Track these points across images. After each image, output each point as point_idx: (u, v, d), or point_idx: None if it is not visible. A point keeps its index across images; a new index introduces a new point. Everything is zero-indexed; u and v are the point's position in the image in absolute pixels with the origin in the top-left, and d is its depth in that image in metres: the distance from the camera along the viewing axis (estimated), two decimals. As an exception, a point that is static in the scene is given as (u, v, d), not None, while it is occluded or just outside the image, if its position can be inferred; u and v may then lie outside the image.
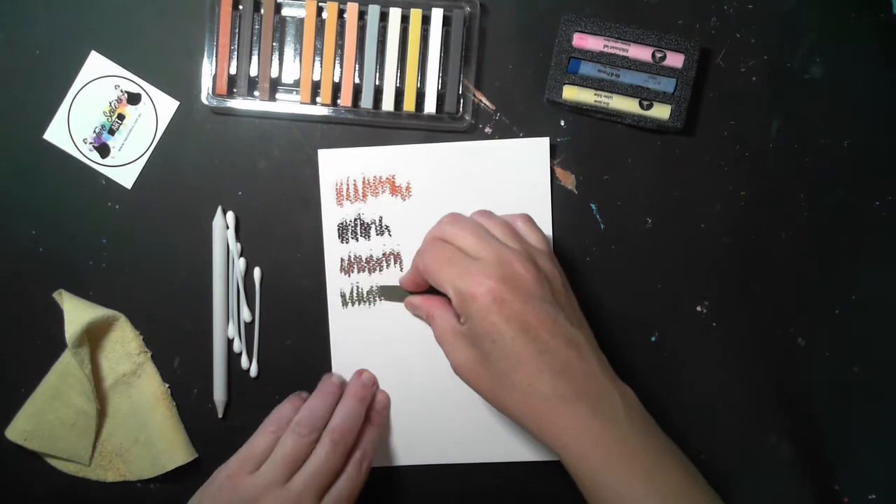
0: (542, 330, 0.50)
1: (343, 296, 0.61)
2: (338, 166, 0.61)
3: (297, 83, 0.60)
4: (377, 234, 0.61)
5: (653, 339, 0.62)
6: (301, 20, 0.60)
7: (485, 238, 0.52)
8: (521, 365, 0.50)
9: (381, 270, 0.61)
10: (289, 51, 0.60)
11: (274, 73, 0.60)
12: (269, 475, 0.54)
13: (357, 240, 0.61)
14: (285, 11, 0.60)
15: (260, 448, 0.56)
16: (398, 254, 0.61)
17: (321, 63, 0.60)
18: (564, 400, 0.50)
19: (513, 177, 0.61)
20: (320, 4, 0.60)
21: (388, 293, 0.61)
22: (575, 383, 0.50)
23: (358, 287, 0.61)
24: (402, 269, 0.61)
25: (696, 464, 0.61)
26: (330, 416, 0.58)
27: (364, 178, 0.61)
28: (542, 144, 0.60)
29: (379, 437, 0.60)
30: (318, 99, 0.60)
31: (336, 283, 0.61)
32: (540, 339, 0.50)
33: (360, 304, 0.61)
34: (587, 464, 0.50)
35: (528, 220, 0.56)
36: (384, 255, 0.61)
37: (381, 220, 0.61)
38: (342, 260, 0.61)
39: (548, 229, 0.61)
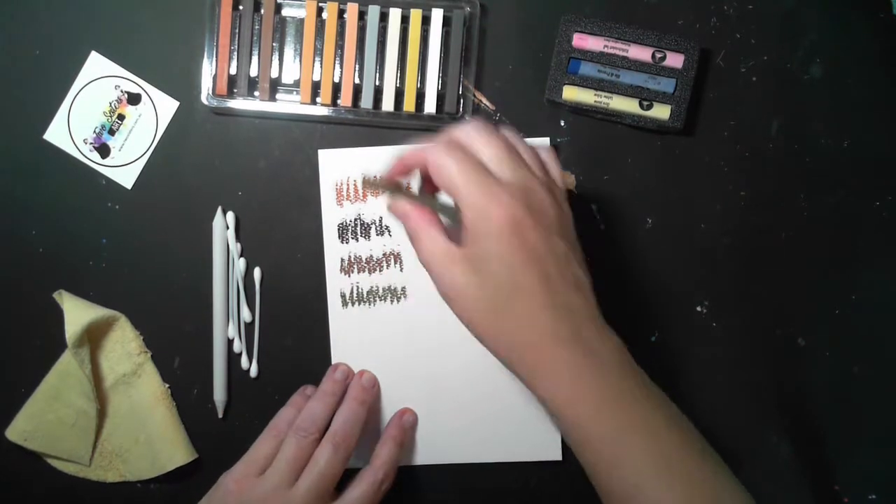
0: (554, 265, 0.48)
1: (343, 296, 0.61)
2: (338, 166, 0.61)
3: (297, 83, 0.60)
4: (377, 235, 0.61)
5: (653, 339, 0.62)
6: (301, 20, 0.60)
7: (515, 159, 0.49)
8: (525, 295, 0.47)
9: (381, 271, 0.61)
10: (289, 51, 0.60)
11: (274, 74, 0.60)
12: (275, 479, 0.54)
13: (357, 240, 0.61)
14: (285, 12, 0.60)
15: (264, 452, 0.56)
16: (398, 254, 0.61)
17: (321, 63, 0.60)
18: (560, 339, 0.47)
19: (513, 177, 0.60)
20: (320, 5, 0.60)
21: (371, 184, 0.54)
22: (575, 325, 0.48)
23: (358, 287, 0.61)
24: (402, 270, 0.61)
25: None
26: (331, 416, 0.58)
27: (364, 179, 0.61)
28: (542, 144, 0.60)
29: (400, 455, 0.59)
30: (318, 99, 0.60)
31: (336, 283, 0.61)
32: (550, 274, 0.47)
33: (360, 304, 0.61)
34: (576, 411, 0.47)
35: (554, 154, 0.53)
36: (384, 255, 0.61)
37: (381, 221, 0.61)
38: (342, 260, 0.61)
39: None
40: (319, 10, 0.60)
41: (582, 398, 0.47)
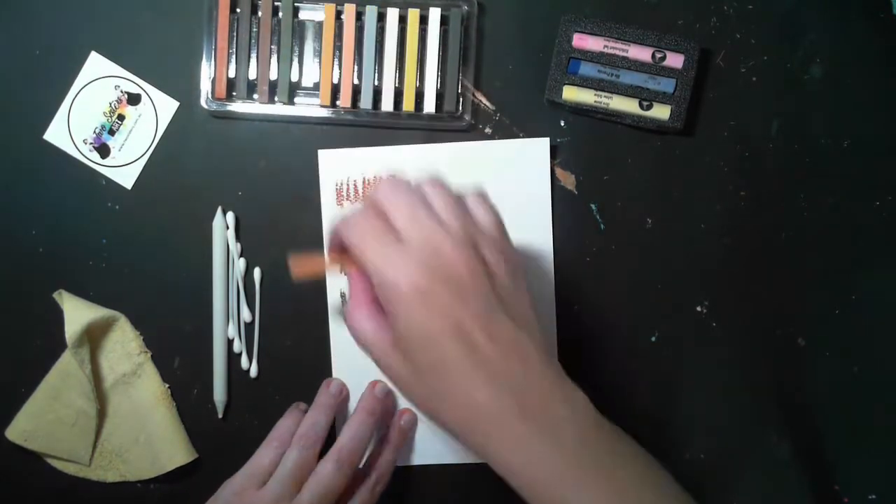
0: (477, 331, 0.43)
1: (343, 296, 0.61)
2: (338, 166, 0.61)
3: (296, 85, 0.60)
4: (377, 235, 0.61)
5: (653, 339, 0.62)
6: (299, 23, 0.60)
7: (420, 213, 0.44)
8: (453, 373, 0.43)
9: (380, 270, 0.61)
10: (287, 53, 0.60)
11: (273, 76, 0.60)
12: (276, 492, 0.54)
13: (357, 240, 0.61)
14: (282, 15, 0.60)
15: (264, 463, 0.56)
16: (398, 254, 0.61)
17: (320, 64, 0.60)
18: (503, 412, 0.44)
19: (513, 177, 0.61)
20: (318, 6, 0.60)
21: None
22: (515, 395, 0.44)
23: (358, 287, 0.61)
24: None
25: (695, 464, 0.61)
26: (330, 425, 0.58)
27: (364, 179, 0.61)
28: (542, 144, 0.60)
29: (396, 459, 0.59)
30: (317, 100, 0.60)
31: (336, 283, 0.61)
32: (473, 341, 0.43)
33: (359, 304, 0.61)
34: (534, 485, 0.44)
35: (481, 196, 0.48)
36: (384, 255, 0.61)
37: (380, 221, 0.61)
38: (342, 260, 0.61)
39: (548, 229, 0.61)
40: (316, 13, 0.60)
41: (533, 472, 0.44)
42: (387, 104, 0.60)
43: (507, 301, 0.45)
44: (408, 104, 0.60)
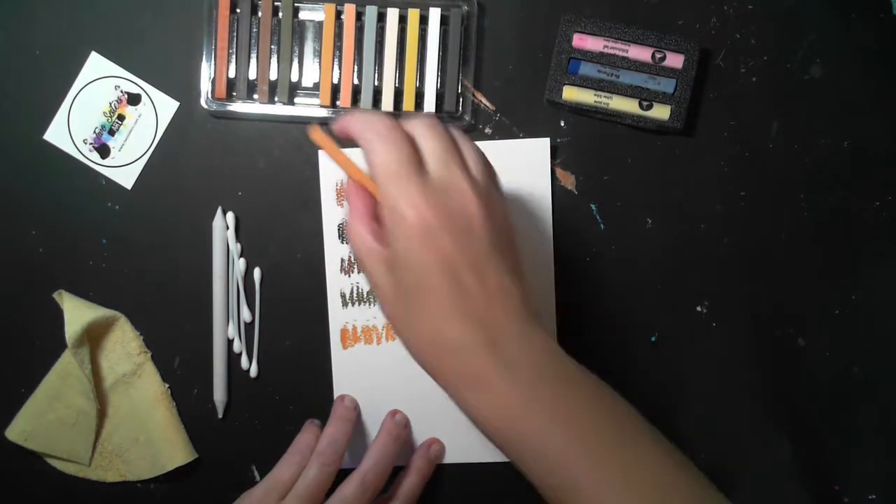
0: (469, 271, 0.44)
1: (343, 296, 0.61)
2: (338, 166, 0.61)
3: (296, 85, 0.60)
4: (377, 235, 0.61)
5: (653, 339, 0.62)
6: (299, 23, 0.60)
7: (453, 158, 0.46)
8: (434, 302, 0.44)
9: (380, 270, 0.61)
10: (287, 54, 0.60)
11: (273, 76, 0.60)
12: None
13: (357, 240, 0.61)
14: (282, 15, 0.60)
15: (284, 477, 0.56)
16: (398, 254, 0.61)
17: (320, 64, 0.60)
18: (468, 347, 0.44)
19: (513, 177, 0.61)
20: (318, 7, 0.60)
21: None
22: (489, 336, 0.44)
23: (358, 287, 0.61)
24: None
25: (695, 464, 0.61)
26: (349, 441, 0.58)
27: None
28: (542, 145, 0.60)
29: (422, 488, 0.59)
30: (317, 100, 0.60)
31: (336, 283, 0.61)
32: (461, 278, 0.44)
33: (360, 304, 0.61)
34: (491, 421, 0.46)
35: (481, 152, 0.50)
36: (384, 255, 0.61)
37: (380, 221, 0.61)
38: (342, 260, 0.61)
39: (548, 229, 0.61)
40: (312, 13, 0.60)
41: (495, 408, 0.45)
42: (387, 104, 0.60)
43: (505, 254, 0.46)
44: (408, 104, 0.60)
